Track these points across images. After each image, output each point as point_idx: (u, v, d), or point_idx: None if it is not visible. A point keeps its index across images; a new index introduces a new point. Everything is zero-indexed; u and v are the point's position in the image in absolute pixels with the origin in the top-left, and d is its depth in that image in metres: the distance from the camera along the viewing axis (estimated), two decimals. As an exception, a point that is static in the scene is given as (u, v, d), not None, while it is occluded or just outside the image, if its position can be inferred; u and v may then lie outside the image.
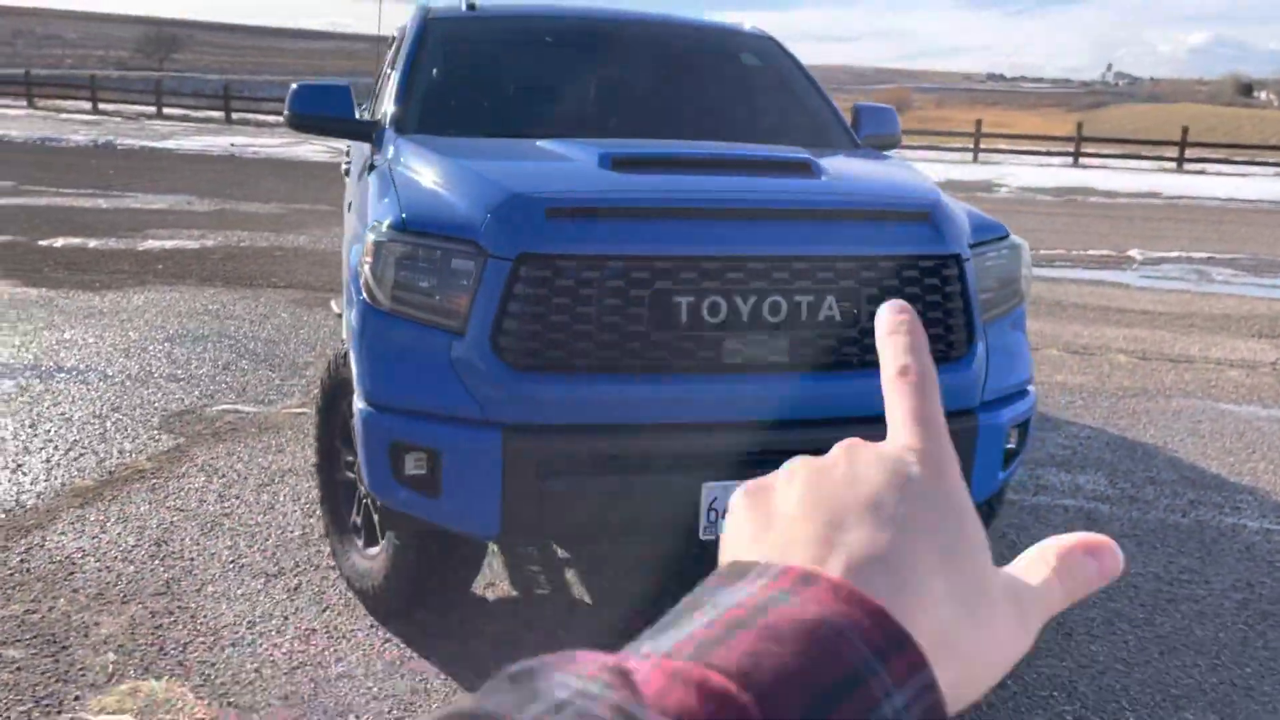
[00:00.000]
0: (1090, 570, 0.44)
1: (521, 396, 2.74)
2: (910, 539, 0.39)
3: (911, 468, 0.42)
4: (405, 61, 4.08)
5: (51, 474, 4.52)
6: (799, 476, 0.43)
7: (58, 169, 18.44)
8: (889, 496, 0.41)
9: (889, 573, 0.38)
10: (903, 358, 0.46)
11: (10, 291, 8.24)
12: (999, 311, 3.26)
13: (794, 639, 0.33)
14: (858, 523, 0.39)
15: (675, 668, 0.32)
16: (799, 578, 0.36)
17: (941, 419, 0.45)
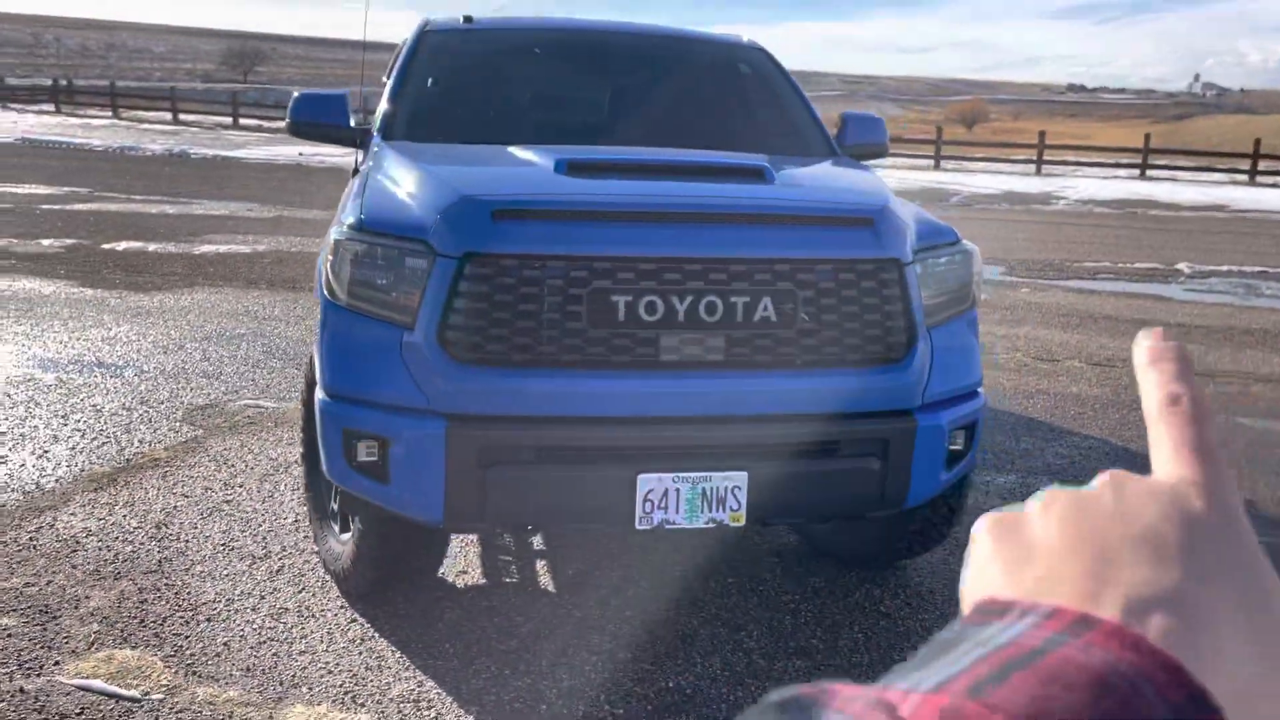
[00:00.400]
0: None
1: (465, 389, 2.89)
2: (1200, 582, 0.35)
3: (1194, 502, 0.38)
4: (398, 71, 4.28)
5: (73, 460, 4.79)
6: (1057, 506, 0.40)
7: (131, 176, 19.20)
8: (1170, 532, 0.36)
9: (1178, 619, 0.34)
10: (1172, 385, 0.42)
11: (67, 291, 8.67)
12: (947, 315, 3.32)
13: (1082, 686, 0.30)
14: (1135, 560, 0.36)
15: (949, 705, 0.30)
16: (1075, 621, 0.33)
17: (1219, 451, 0.41)
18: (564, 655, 3.25)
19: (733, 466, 2.97)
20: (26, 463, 4.74)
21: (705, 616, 3.55)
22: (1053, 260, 12.69)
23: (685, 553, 4.03)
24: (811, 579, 3.88)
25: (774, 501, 3.06)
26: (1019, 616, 0.34)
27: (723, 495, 2.97)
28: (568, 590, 3.71)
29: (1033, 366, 7.28)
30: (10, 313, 7.75)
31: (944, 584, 3.89)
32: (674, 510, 2.95)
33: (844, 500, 3.15)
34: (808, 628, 3.51)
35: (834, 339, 3.07)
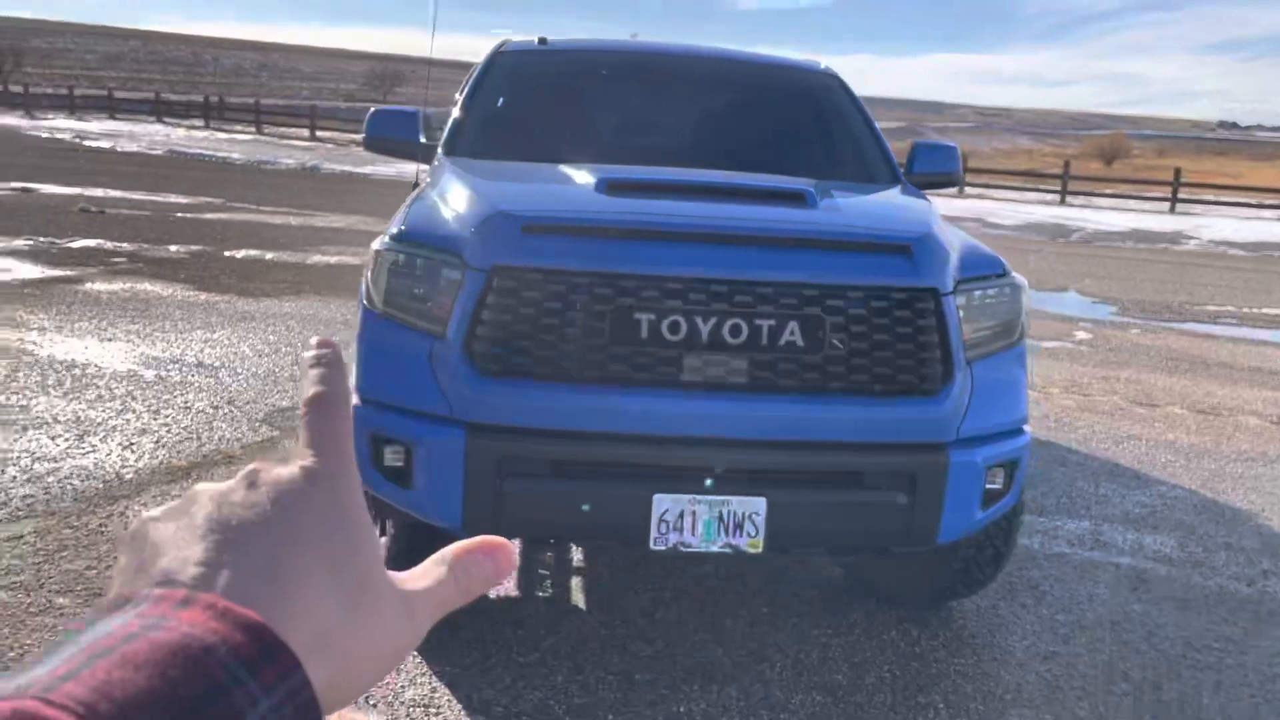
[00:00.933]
0: (486, 569, 0.50)
1: (486, 399, 2.92)
2: (297, 551, 0.43)
3: (304, 486, 0.45)
4: (468, 90, 4.39)
5: (155, 453, 5.03)
6: (199, 502, 0.45)
7: (264, 188, 20.13)
8: (280, 513, 0.44)
9: (272, 584, 0.41)
10: (314, 386, 0.49)
11: (183, 294, 9.12)
12: (991, 349, 3.21)
13: (151, 663, 0.34)
14: (248, 540, 0.43)
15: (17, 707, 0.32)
16: (178, 602, 0.38)
17: (346, 441, 0.48)
18: (580, 673, 3.25)
19: (752, 492, 2.93)
20: (113, 453, 4.99)
21: (731, 644, 3.50)
22: (1171, 302, 12.14)
23: (721, 579, 3.98)
24: (850, 614, 3.78)
25: (794, 530, 3.00)
26: (134, 606, 0.38)
27: (740, 521, 2.93)
28: (597, 608, 3.71)
29: (1128, 410, 6.97)
30: (127, 312, 8.19)
31: (987, 628, 3.74)
32: (690, 533, 2.92)
33: (868, 534, 3.07)
34: (834, 663, 3.42)
35: (863, 367, 3.00)
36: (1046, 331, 9.70)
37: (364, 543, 0.46)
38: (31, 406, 5.61)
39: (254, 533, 0.43)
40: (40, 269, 9.92)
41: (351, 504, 0.47)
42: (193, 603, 0.38)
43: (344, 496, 0.46)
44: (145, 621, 0.37)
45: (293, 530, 0.44)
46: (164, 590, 0.39)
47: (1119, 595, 4.08)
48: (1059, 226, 22.03)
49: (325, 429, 0.48)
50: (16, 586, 3.58)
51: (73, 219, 13.70)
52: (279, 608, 0.40)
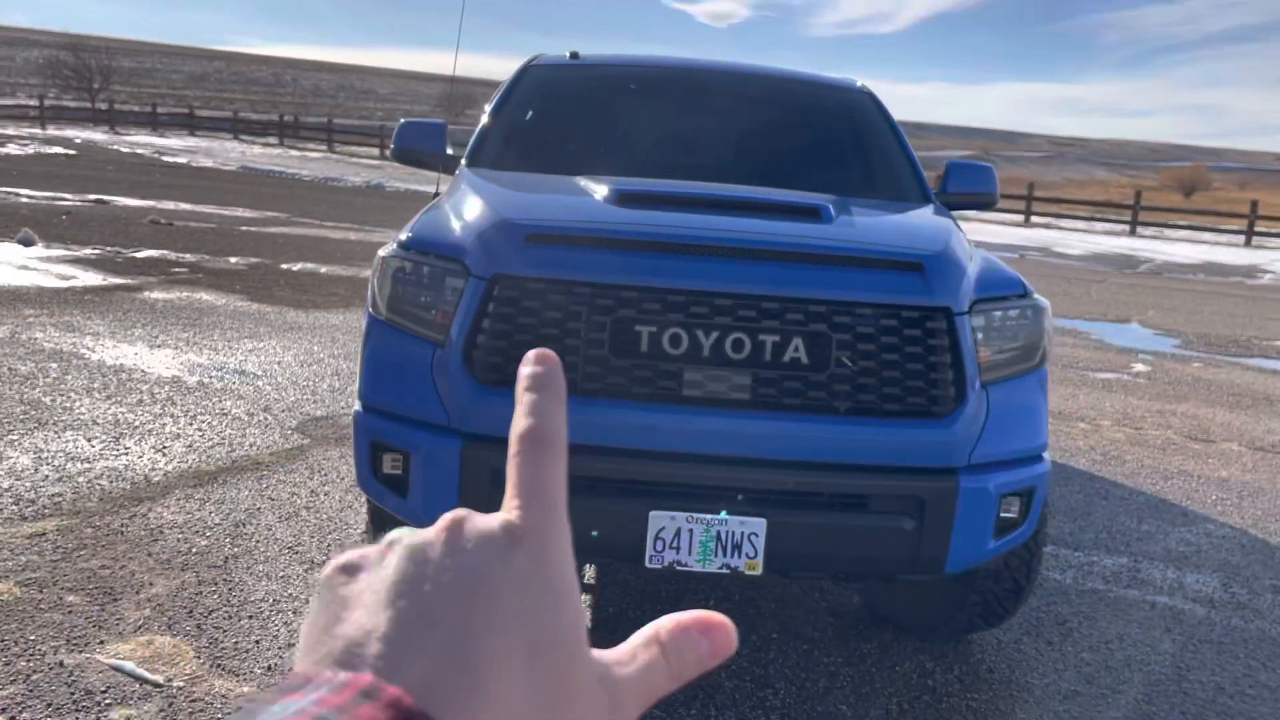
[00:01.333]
0: (702, 649, 0.43)
1: (484, 408, 2.89)
2: (494, 631, 0.37)
3: (510, 549, 0.39)
4: (495, 103, 4.40)
5: (185, 458, 5.09)
6: (394, 554, 0.40)
7: (329, 204, 20.51)
8: (479, 582, 0.38)
9: (464, 674, 0.36)
10: (528, 418, 0.43)
11: (236, 304, 9.29)
12: (1009, 372, 3.10)
13: None
14: (442, 613, 0.37)
15: None
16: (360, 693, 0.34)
17: (560, 491, 0.42)
18: (576, 691, 3.18)
19: (752, 512, 2.85)
20: (145, 455, 5.06)
21: (736, 669, 3.40)
22: (1239, 336, 11.74)
23: (735, 602, 3.89)
24: (863, 644, 3.66)
25: (795, 553, 2.91)
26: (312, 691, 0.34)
27: (739, 541, 2.85)
28: (603, 627, 3.64)
29: (1181, 445, 6.72)
30: (180, 320, 8.36)
31: (1006, 664, 3.60)
32: (686, 551, 2.85)
33: (872, 559, 2.97)
34: (841, 692, 3.31)
35: (871, 387, 2.91)
36: (1103, 363, 9.44)
37: (570, 622, 0.39)
38: (74, 408, 5.72)
39: (449, 604, 0.37)
40: (103, 277, 10.19)
41: (559, 572, 0.40)
42: (375, 697, 0.34)
43: (551, 562, 0.40)
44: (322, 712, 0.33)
45: (491, 604, 0.38)
46: (348, 675, 0.35)
47: (1151, 635, 3.90)
48: (1126, 257, 21.51)
49: (536, 475, 0.41)
50: (31, 583, 3.62)
51: (141, 230, 14.07)
52: (468, 705, 0.35)
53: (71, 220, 14.56)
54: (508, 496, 0.41)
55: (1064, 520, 5.07)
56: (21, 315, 8.05)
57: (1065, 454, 6.26)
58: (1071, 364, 9.23)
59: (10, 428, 5.29)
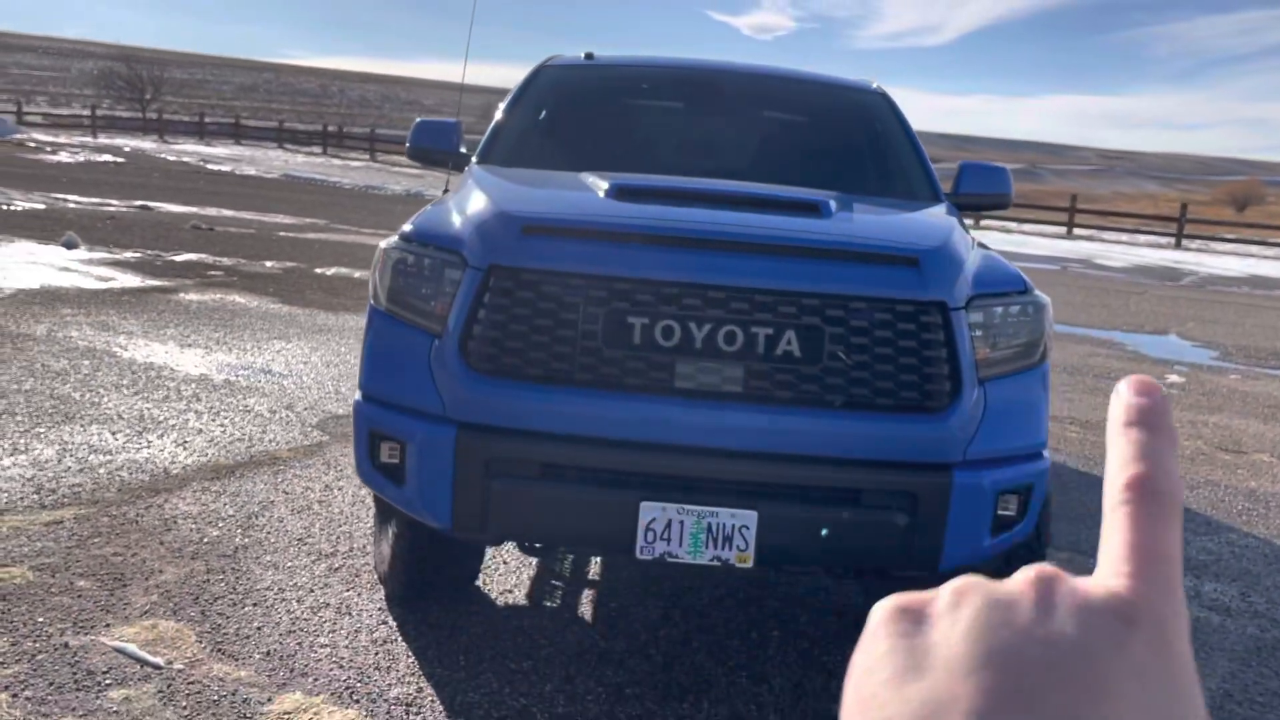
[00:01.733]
0: None
1: (477, 398, 2.92)
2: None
3: (1127, 627, 0.32)
4: (508, 102, 4.44)
5: (205, 452, 5.17)
6: (969, 605, 0.34)
7: (367, 212, 20.75)
8: (1089, 664, 0.31)
9: None
10: (1143, 463, 0.35)
11: (268, 306, 9.43)
12: (1008, 368, 3.07)
13: None
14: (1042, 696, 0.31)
15: None
16: None
17: (1178, 561, 0.34)
18: (569, 683, 3.19)
19: (743, 504, 2.84)
20: (166, 449, 5.15)
21: (732, 664, 3.39)
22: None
23: (738, 600, 3.88)
24: (865, 643, 3.63)
25: (786, 546, 2.90)
26: None
27: (729, 533, 2.84)
28: (603, 621, 3.65)
29: (1211, 456, 6.60)
30: (212, 321, 8.50)
31: (1009, 667, 3.55)
32: (677, 543, 2.85)
33: (865, 553, 2.95)
34: (837, 690, 3.28)
35: (864, 381, 2.89)
36: (1136, 372, 9.27)
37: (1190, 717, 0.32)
38: (102, 403, 5.84)
39: (1051, 684, 0.31)
40: (141, 279, 10.38)
41: (1182, 666, 0.32)
42: None
43: (1171, 649, 0.32)
44: None
45: (1104, 694, 0.31)
46: None
47: (1163, 642, 3.83)
48: (1170, 270, 21.19)
49: (1154, 538, 0.34)
50: (44, 567, 3.70)
51: (182, 235, 14.32)
52: None
53: (115, 225, 14.86)
54: (1110, 559, 0.34)
55: (1081, 527, 5.00)
56: (59, 315, 8.23)
57: (1090, 463, 6.17)
58: (1103, 374, 9.10)
59: (38, 420, 5.40)
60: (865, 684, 0.33)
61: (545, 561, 4.09)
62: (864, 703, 0.33)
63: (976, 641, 0.32)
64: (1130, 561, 0.33)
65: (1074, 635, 0.32)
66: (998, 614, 0.33)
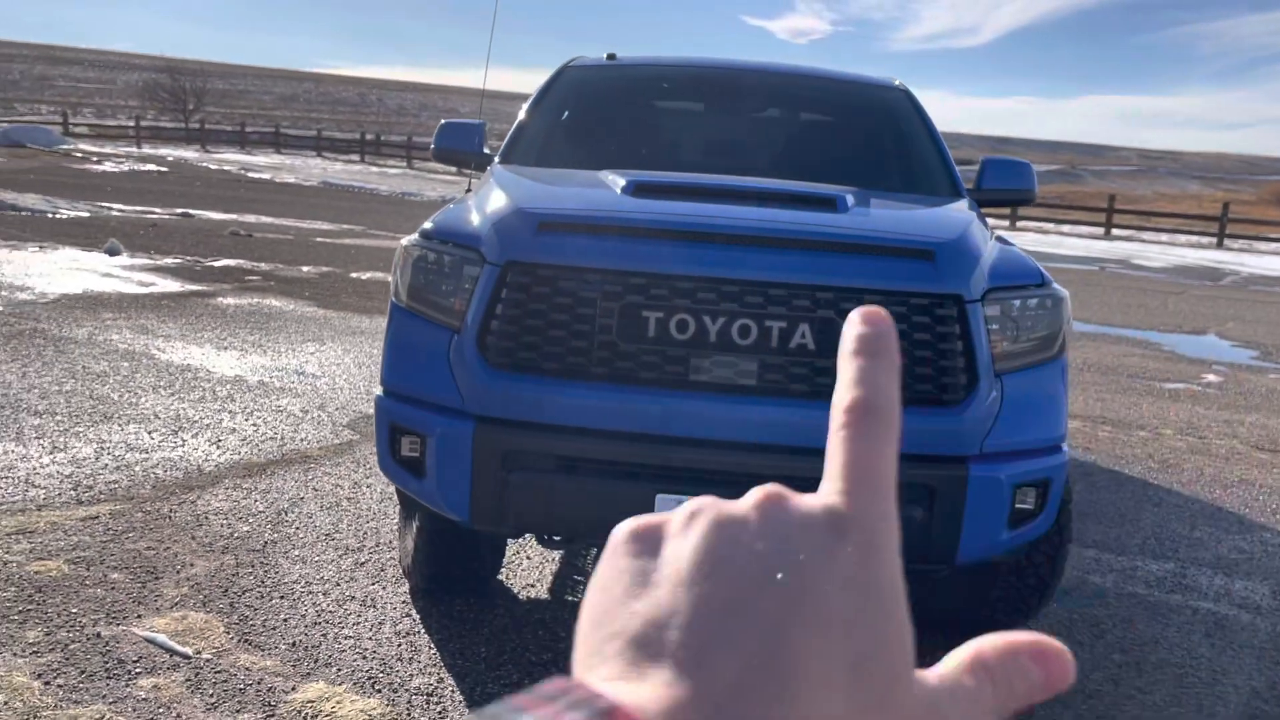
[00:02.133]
0: (1034, 680, 0.36)
1: (495, 392, 2.96)
2: (811, 632, 0.32)
3: (835, 539, 0.34)
4: (530, 103, 4.49)
5: (239, 450, 5.27)
6: (700, 524, 0.35)
7: (403, 218, 20.95)
8: (800, 573, 0.33)
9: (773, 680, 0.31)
10: (861, 388, 0.37)
11: (303, 310, 9.57)
12: (1026, 361, 3.07)
13: None
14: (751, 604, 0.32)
15: None
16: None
17: (891, 476, 0.36)
18: (588, 674, 3.22)
19: (758, 497, 2.86)
20: (200, 448, 5.25)
21: (751, 659, 3.41)
22: (1323, 348, 11.31)
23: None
24: (885, 639, 3.63)
25: (802, 539, 2.91)
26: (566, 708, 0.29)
27: (745, 526, 2.86)
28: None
29: (1246, 455, 6.50)
30: (248, 324, 8.64)
31: (1031, 663, 3.53)
32: (692, 535, 2.87)
33: (881, 547, 2.95)
34: (856, 685, 3.29)
35: (879, 374, 2.90)
36: (1172, 373, 9.18)
37: (897, 634, 0.33)
38: (140, 403, 5.96)
39: (765, 594, 0.32)
40: (180, 284, 10.57)
41: (888, 573, 0.34)
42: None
43: (879, 558, 0.34)
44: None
45: (812, 601, 0.32)
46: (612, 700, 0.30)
47: (1190, 640, 3.80)
48: (1211, 270, 20.87)
49: (866, 453, 0.35)
50: (79, 561, 3.79)
51: (222, 241, 14.55)
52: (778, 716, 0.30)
53: (156, 232, 15.13)
54: (829, 477, 0.35)
55: (1110, 525, 4.96)
56: (100, 319, 8.40)
57: (1120, 461, 6.11)
58: (1138, 374, 8.99)
59: (78, 420, 5.53)
60: (598, 601, 0.35)
61: (567, 556, 4.13)
62: (595, 620, 0.34)
63: (698, 557, 0.33)
64: (844, 479, 0.35)
65: (787, 547, 0.33)
66: (723, 531, 0.34)
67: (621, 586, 0.34)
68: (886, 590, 0.34)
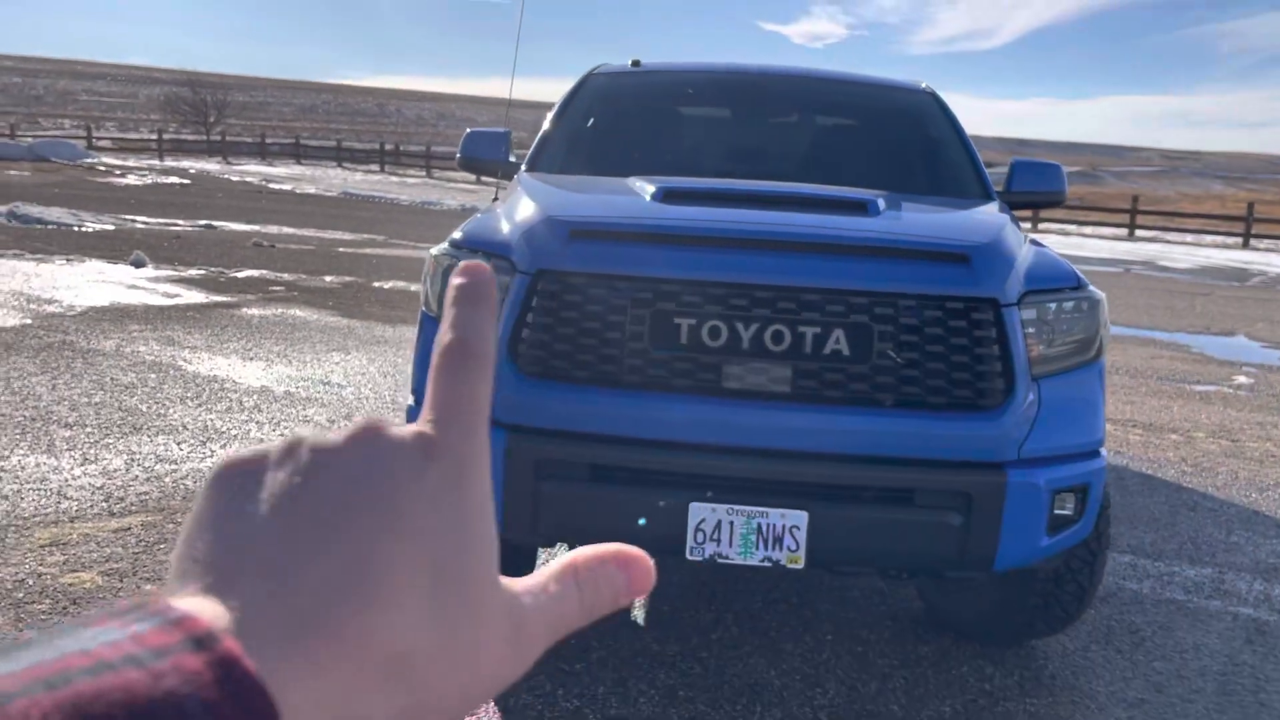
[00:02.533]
0: (618, 583, 0.40)
1: (527, 401, 2.95)
2: (396, 545, 0.34)
3: (423, 462, 0.37)
4: (555, 111, 4.49)
5: (267, 461, 5.28)
6: (296, 458, 0.36)
7: (424, 227, 21.03)
8: (385, 490, 0.35)
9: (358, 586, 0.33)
10: (455, 329, 0.40)
11: (327, 320, 9.60)
12: (1063, 365, 3.03)
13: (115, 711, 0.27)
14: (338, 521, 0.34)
15: None
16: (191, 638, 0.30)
17: (481, 408, 0.39)
18: (622, 685, 3.20)
19: (793, 505, 2.83)
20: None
21: (786, 667, 3.38)
22: (1355, 349, 11.16)
23: (790, 603, 3.86)
24: (920, 647, 3.60)
25: (838, 547, 2.88)
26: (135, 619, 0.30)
27: (780, 534, 2.84)
28: (654, 624, 3.65)
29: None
30: (273, 334, 8.68)
31: (1070, 670, 3.49)
32: (727, 544, 2.85)
33: (918, 554, 2.92)
34: (893, 694, 3.25)
35: (915, 379, 2.87)
36: (1202, 375, 9.08)
37: (480, 547, 0.37)
38: (168, 415, 5.99)
39: (353, 511, 0.35)
40: (205, 295, 10.64)
41: (474, 495, 0.37)
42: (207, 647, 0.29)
43: (466, 480, 0.37)
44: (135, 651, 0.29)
45: (398, 515, 0.35)
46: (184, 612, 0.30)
47: (1231, 646, 3.74)
48: (1238, 270, 20.67)
49: (456, 389, 0.38)
50: (113, 573, 3.81)
51: (245, 252, 14.64)
52: (360, 620, 0.33)
53: (180, 244, 15.24)
54: (426, 408, 0.38)
55: (1146, 530, 4.90)
56: (127, 330, 8.46)
57: (1153, 465, 6.05)
58: (1167, 376, 8.90)
59: (108, 432, 5.56)
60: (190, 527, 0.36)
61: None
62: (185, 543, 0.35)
63: (288, 486, 0.35)
64: (435, 409, 0.38)
65: (376, 471, 0.36)
66: (317, 457, 0.36)
67: (213, 513, 0.35)
68: (472, 508, 0.37)
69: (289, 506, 0.35)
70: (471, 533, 0.37)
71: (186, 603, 0.32)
